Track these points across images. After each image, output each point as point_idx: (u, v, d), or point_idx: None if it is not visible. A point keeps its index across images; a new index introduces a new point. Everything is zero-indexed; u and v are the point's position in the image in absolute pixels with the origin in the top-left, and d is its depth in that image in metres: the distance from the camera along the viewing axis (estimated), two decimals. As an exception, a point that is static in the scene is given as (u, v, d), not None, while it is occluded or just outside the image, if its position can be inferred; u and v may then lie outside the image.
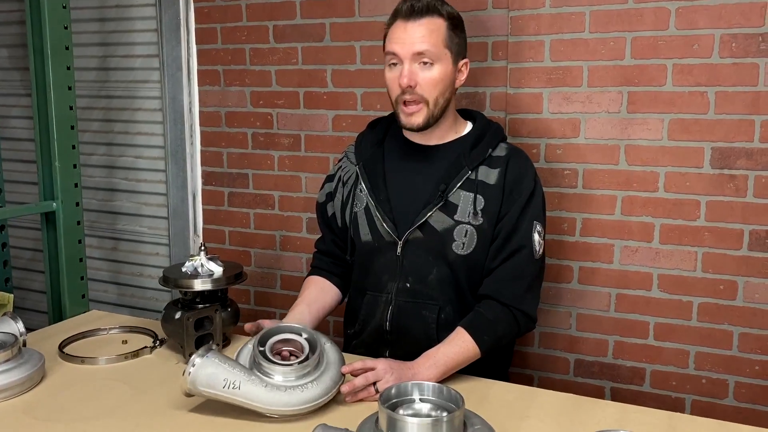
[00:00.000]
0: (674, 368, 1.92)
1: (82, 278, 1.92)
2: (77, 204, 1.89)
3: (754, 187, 1.77)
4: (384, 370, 1.32)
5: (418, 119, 1.49)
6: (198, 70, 2.40)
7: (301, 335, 1.36)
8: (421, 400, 1.17)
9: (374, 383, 1.32)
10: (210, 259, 1.62)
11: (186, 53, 2.40)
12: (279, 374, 1.27)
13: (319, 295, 1.65)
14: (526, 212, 1.50)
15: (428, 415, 1.14)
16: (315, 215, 1.75)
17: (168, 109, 2.44)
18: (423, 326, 1.54)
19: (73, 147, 1.86)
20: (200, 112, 2.42)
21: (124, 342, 1.67)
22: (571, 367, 2.03)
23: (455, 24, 1.51)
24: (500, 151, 1.55)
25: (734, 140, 1.77)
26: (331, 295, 1.68)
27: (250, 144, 2.37)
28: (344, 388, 1.31)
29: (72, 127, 1.86)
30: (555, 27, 1.89)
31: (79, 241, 1.91)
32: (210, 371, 1.25)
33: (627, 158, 1.88)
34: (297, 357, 1.32)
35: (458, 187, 1.51)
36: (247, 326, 1.50)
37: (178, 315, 1.55)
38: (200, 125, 2.43)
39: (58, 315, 1.91)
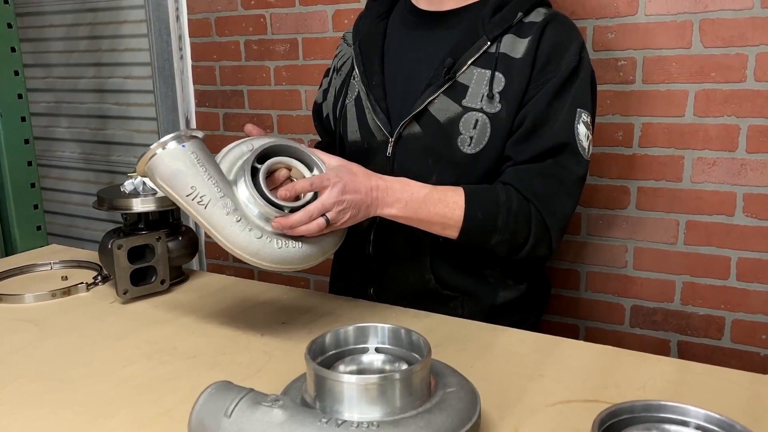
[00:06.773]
0: (763, 317, 1.48)
1: (35, 207, 1.65)
2: (23, 119, 1.61)
3: None
4: (329, 180, 0.96)
5: None
6: (183, -30, 2.07)
7: (312, 171, 1.02)
8: (377, 350, 0.81)
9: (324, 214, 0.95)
10: (156, 174, 1.30)
11: (169, -48, 2.07)
12: (260, 210, 0.95)
13: None
14: (566, 95, 1.09)
15: (381, 371, 0.78)
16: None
17: (152, 18, 2.12)
18: (415, 252, 1.18)
19: (13, 50, 1.57)
20: (188, 20, 2.09)
21: (64, 278, 1.39)
22: (626, 316, 1.63)
23: None
24: (536, 16, 1.14)
25: None
26: None
27: (243, 55, 2.02)
28: (275, 224, 0.94)
29: (9, 25, 1.56)
30: None
31: (29, 163, 1.63)
32: (178, 167, 0.93)
33: (702, 39, 1.42)
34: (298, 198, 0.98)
35: (471, 63, 1.12)
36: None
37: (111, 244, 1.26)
38: (189, 36, 2.10)
39: (10, 250, 1.65)
